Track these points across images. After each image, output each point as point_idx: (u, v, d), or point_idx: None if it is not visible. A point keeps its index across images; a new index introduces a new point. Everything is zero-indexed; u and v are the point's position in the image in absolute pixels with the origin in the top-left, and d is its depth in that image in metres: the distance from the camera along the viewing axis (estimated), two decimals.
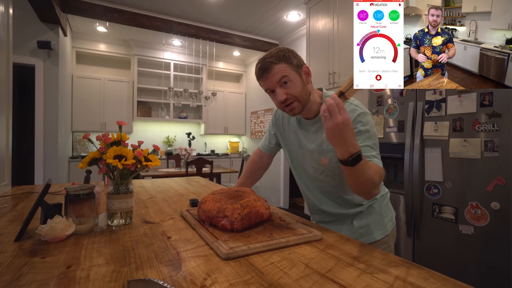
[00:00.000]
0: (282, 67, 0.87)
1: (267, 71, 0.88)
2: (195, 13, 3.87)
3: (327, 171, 0.95)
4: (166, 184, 1.76)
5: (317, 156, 0.95)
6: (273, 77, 0.87)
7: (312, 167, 0.99)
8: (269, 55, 0.89)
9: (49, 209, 0.80)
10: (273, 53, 0.89)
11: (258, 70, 0.90)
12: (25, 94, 4.29)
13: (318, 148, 0.94)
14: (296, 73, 0.89)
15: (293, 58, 0.90)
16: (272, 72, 0.87)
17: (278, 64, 0.87)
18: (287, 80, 0.87)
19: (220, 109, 5.72)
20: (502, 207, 1.46)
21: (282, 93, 0.87)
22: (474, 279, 1.57)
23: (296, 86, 0.88)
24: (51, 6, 2.99)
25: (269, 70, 0.87)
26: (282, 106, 0.90)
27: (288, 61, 0.88)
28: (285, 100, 0.88)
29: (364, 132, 0.86)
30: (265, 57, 0.89)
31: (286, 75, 0.87)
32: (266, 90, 0.92)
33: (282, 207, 4.70)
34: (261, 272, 0.56)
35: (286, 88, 0.87)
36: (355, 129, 0.86)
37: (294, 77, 0.88)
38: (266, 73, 0.88)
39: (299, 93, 0.89)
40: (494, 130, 1.50)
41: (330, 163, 0.93)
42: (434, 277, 0.55)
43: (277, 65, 0.87)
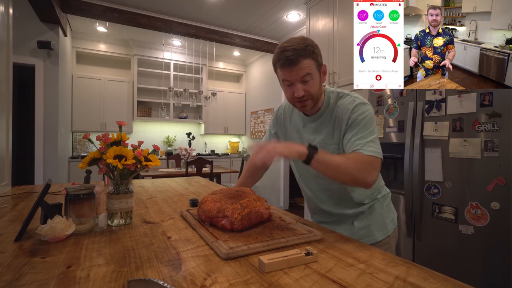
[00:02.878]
0: (309, 64, 0.84)
1: (294, 63, 0.83)
2: (195, 13, 3.87)
3: None
4: (166, 184, 1.76)
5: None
6: (299, 71, 0.84)
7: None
8: (297, 45, 0.83)
9: (49, 209, 0.79)
10: (301, 45, 0.83)
11: (284, 59, 0.84)
12: (25, 94, 4.29)
13: (320, 143, 0.95)
14: (318, 71, 0.88)
15: (319, 56, 0.88)
16: (299, 66, 0.83)
17: (306, 59, 0.83)
18: (310, 78, 0.86)
19: (220, 109, 5.72)
20: (502, 207, 1.46)
21: (301, 90, 0.86)
22: (474, 279, 1.57)
23: (315, 85, 0.88)
24: (51, 6, 2.99)
25: (296, 63, 0.83)
26: (296, 100, 0.90)
27: (316, 58, 0.86)
28: (302, 97, 0.87)
29: (357, 123, 0.86)
30: (293, 47, 0.83)
31: (311, 72, 0.85)
32: (283, 80, 0.89)
33: (282, 207, 4.70)
34: (261, 272, 0.56)
35: (307, 85, 0.86)
36: (349, 119, 0.88)
37: (316, 75, 0.87)
38: (292, 65, 0.83)
39: (315, 92, 0.89)
40: (494, 130, 1.50)
41: None
42: (434, 277, 0.55)
43: (305, 59, 0.83)
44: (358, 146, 0.83)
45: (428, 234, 1.80)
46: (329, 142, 0.93)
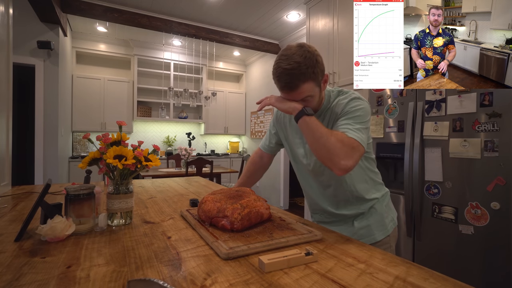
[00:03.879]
0: (309, 87, 0.83)
1: (292, 89, 0.82)
2: (195, 13, 3.87)
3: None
4: (166, 184, 1.77)
5: None
6: (299, 94, 0.84)
7: (314, 161, 0.98)
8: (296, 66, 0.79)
9: (49, 209, 0.79)
10: (301, 64, 0.79)
11: (283, 84, 0.82)
12: (25, 94, 4.29)
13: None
14: (318, 88, 0.87)
15: (320, 72, 0.84)
16: (299, 90, 0.82)
17: (305, 83, 0.81)
18: (310, 98, 0.87)
19: (220, 109, 5.72)
20: (502, 207, 1.46)
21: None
22: (474, 279, 1.57)
23: (315, 100, 0.89)
24: (51, 6, 2.99)
25: (295, 88, 0.82)
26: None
27: (316, 78, 0.83)
28: None
29: (349, 113, 0.87)
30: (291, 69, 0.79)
31: (311, 94, 0.85)
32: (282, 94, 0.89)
33: (282, 207, 4.70)
34: (261, 272, 0.56)
35: (306, 102, 0.87)
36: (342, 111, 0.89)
37: (316, 93, 0.87)
38: (291, 90, 0.83)
39: (315, 105, 0.91)
40: (494, 130, 1.50)
41: None
42: (434, 277, 0.55)
43: (304, 84, 0.81)
44: (344, 129, 0.82)
45: (428, 234, 1.80)
46: None
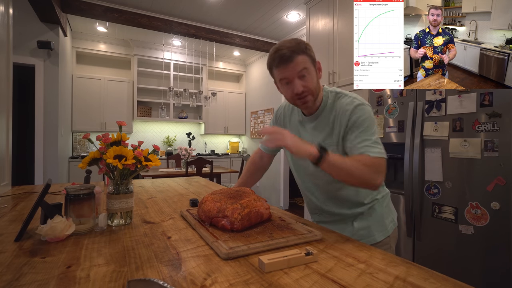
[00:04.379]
0: (304, 59, 0.87)
1: (289, 60, 0.86)
2: (195, 13, 3.87)
3: None
4: (166, 184, 1.77)
5: None
6: (295, 67, 0.86)
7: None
8: (290, 45, 0.86)
9: (49, 209, 0.79)
10: (293, 43, 0.87)
11: (278, 58, 0.87)
12: (25, 94, 4.29)
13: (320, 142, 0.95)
14: (313, 66, 0.90)
15: (311, 51, 0.90)
16: (295, 62, 0.86)
17: (300, 55, 0.86)
18: (306, 73, 0.87)
19: (220, 109, 5.72)
20: (502, 207, 1.46)
21: (300, 85, 0.87)
22: (474, 279, 1.57)
23: (313, 80, 0.89)
24: (51, 6, 2.99)
25: (291, 59, 0.86)
26: (296, 98, 0.90)
27: (309, 54, 0.89)
28: (302, 92, 0.88)
29: (358, 125, 0.87)
30: (285, 46, 0.86)
31: (307, 67, 0.87)
32: (280, 80, 0.90)
33: (282, 207, 4.70)
34: (261, 272, 0.56)
35: (304, 81, 0.88)
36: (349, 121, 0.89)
37: (312, 70, 0.89)
38: (288, 62, 0.86)
39: (314, 87, 0.90)
40: (494, 130, 1.50)
41: None
42: (434, 277, 0.55)
43: (299, 56, 0.86)
44: (363, 149, 0.83)
45: (428, 234, 1.80)
46: (328, 143, 0.93)
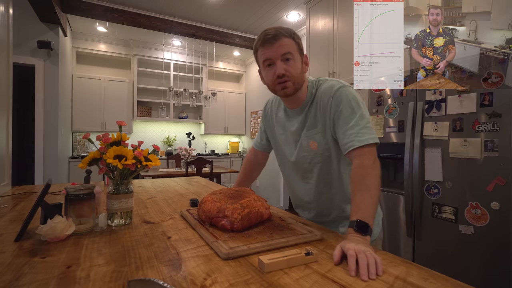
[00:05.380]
0: (290, 42, 0.87)
1: (275, 39, 0.85)
2: (195, 13, 3.87)
3: (316, 158, 0.94)
4: (166, 184, 1.77)
5: (305, 142, 0.94)
6: (279, 48, 0.86)
7: (301, 157, 0.97)
8: (278, 28, 0.87)
9: (49, 209, 0.79)
10: (282, 28, 0.87)
11: (265, 37, 0.87)
12: (25, 94, 4.29)
13: (305, 135, 0.94)
14: (299, 55, 0.90)
15: (300, 40, 0.91)
16: (280, 42, 0.85)
17: (287, 38, 0.86)
18: (290, 57, 0.87)
19: (220, 109, 5.71)
20: (502, 207, 1.46)
21: (282, 68, 0.86)
22: (474, 279, 1.57)
23: (297, 67, 0.88)
24: (51, 6, 2.99)
25: (277, 39, 0.85)
26: (276, 82, 0.88)
27: (296, 41, 0.89)
28: (282, 76, 0.87)
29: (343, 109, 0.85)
30: (272, 27, 0.87)
31: (291, 52, 0.87)
32: (264, 61, 0.89)
33: (282, 207, 4.70)
34: (261, 272, 0.56)
35: (287, 65, 0.87)
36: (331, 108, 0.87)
37: (297, 58, 0.89)
38: (273, 41, 0.85)
39: (297, 75, 0.89)
40: (494, 130, 1.50)
41: (319, 145, 0.92)
42: (434, 277, 0.55)
43: (286, 38, 0.86)
44: (351, 143, 0.81)
45: (428, 234, 1.80)
46: (313, 132, 0.92)
